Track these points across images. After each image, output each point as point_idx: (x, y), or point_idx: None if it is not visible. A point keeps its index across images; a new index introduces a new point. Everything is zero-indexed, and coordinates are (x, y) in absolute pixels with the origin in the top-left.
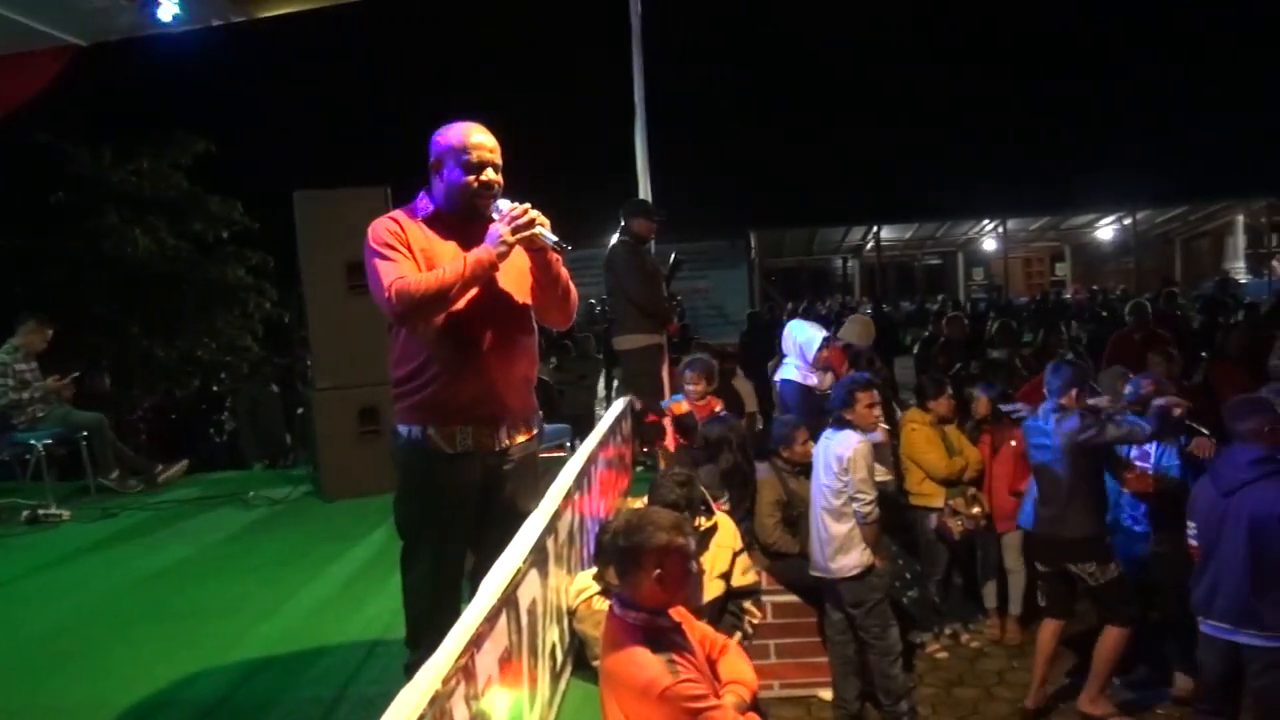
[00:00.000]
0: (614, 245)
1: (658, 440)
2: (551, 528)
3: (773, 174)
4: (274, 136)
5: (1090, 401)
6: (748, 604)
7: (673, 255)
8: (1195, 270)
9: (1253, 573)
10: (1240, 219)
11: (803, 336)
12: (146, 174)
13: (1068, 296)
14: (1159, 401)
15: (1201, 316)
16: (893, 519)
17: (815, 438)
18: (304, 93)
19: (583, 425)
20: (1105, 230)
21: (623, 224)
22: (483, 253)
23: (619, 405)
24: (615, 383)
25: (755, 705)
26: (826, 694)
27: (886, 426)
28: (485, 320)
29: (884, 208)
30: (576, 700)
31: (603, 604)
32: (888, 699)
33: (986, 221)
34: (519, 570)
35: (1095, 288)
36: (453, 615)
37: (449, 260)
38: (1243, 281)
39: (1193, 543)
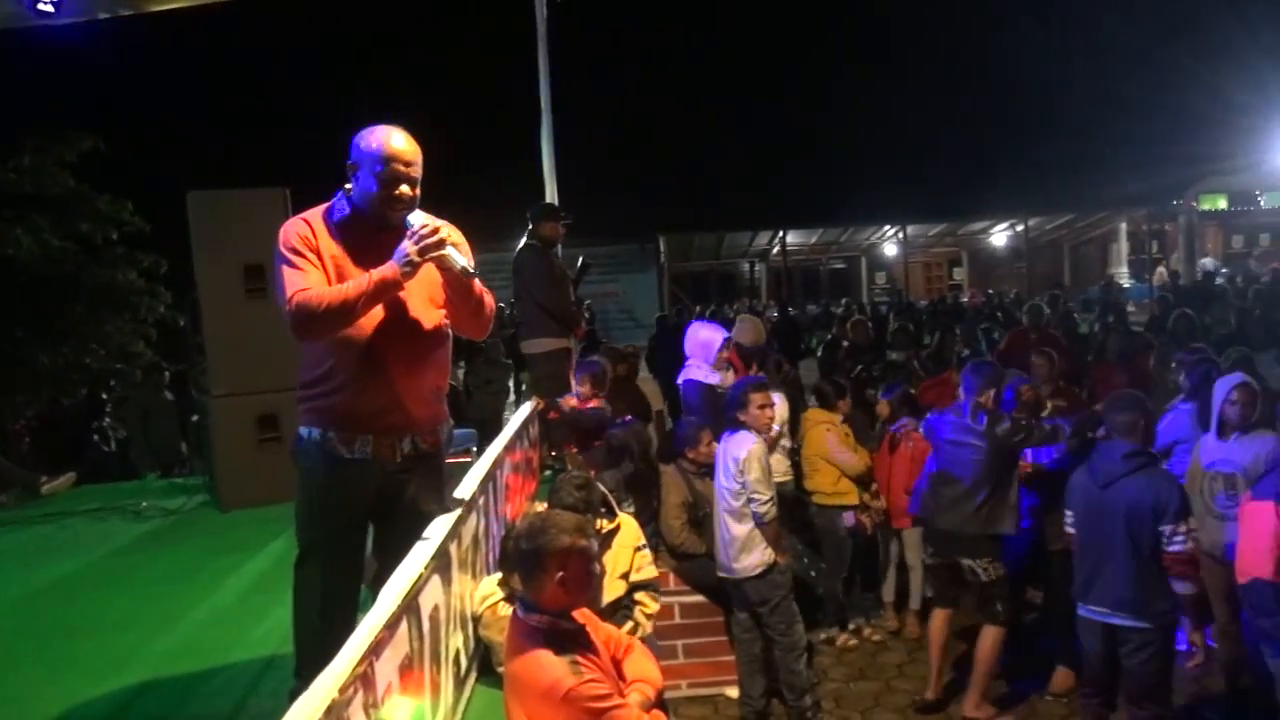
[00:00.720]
0: (521, 249)
1: (566, 444)
2: (455, 533)
3: (681, 179)
4: (167, 135)
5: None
6: (641, 595)
7: (580, 259)
8: (1083, 275)
9: (1127, 560)
10: (1123, 227)
11: (704, 337)
12: (29, 170)
13: (965, 300)
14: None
15: (1090, 318)
16: (793, 518)
17: (720, 437)
18: (199, 90)
19: (491, 429)
20: (999, 236)
21: (530, 228)
22: (388, 270)
23: (526, 409)
24: (524, 387)
25: (663, 704)
26: (733, 692)
27: (777, 428)
28: (393, 332)
29: (790, 213)
30: (481, 707)
31: (508, 610)
32: (792, 694)
33: (888, 227)
34: (420, 576)
35: (990, 291)
36: (344, 632)
37: (357, 271)
38: (1126, 286)
39: (1070, 530)
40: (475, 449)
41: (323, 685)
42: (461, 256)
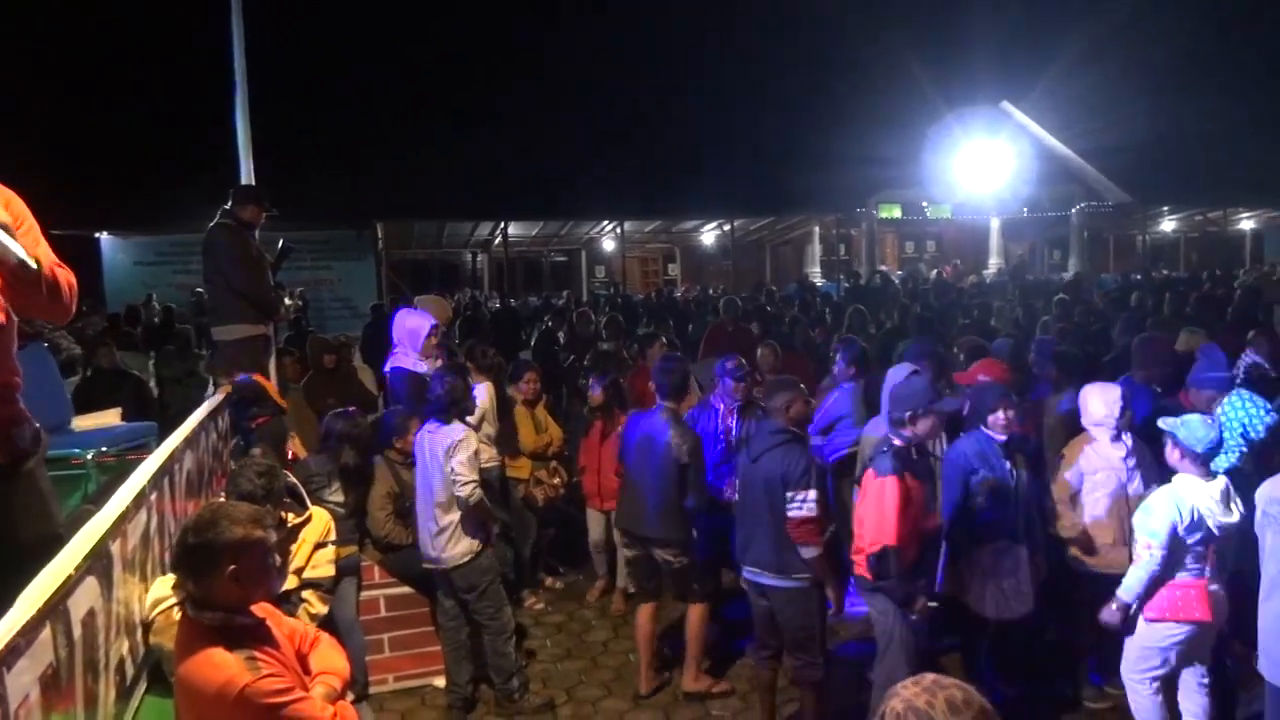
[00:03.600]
0: (214, 229)
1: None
2: (118, 531)
3: (401, 165)
4: None
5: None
6: (309, 593)
7: (280, 242)
8: (783, 273)
9: (769, 526)
10: (817, 230)
11: (412, 324)
12: None
13: (678, 294)
14: None
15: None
16: (499, 498)
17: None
18: None
19: None
20: (708, 235)
21: (228, 206)
22: None
23: (216, 398)
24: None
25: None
26: (440, 682)
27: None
28: None
29: (511, 205)
30: (151, 718)
31: None
32: (500, 677)
33: (606, 223)
34: (69, 578)
35: (700, 286)
36: None
37: None
38: (819, 284)
39: (734, 498)
40: (154, 442)
41: None
42: (16, 245)
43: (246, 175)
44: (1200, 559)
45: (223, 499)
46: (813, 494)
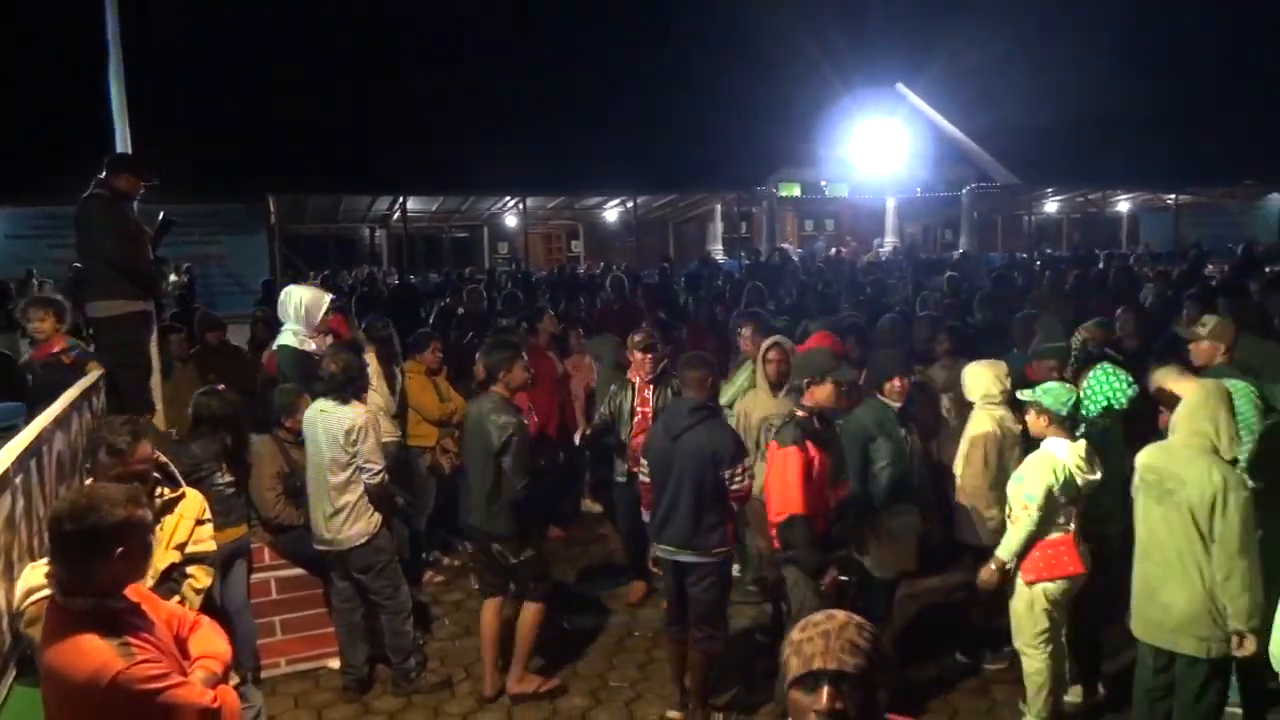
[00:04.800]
0: (86, 200)
1: (148, 414)
2: None
3: (295, 137)
4: None
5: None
6: (194, 568)
7: (161, 214)
8: (685, 250)
9: (692, 504)
10: (719, 208)
11: (308, 299)
12: None
13: (581, 271)
14: None
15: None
16: (401, 470)
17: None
18: None
19: None
20: (612, 212)
21: (103, 175)
22: None
23: (91, 376)
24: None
25: (258, 679)
26: (335, 663)
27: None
28: None
29: (408, 179)
30: (21, 710)
31: None
32: (398, 656)
33: (508, 198)
34: None
35: (604, 263)
36: None
37: None
38: (721, 261)
39: (644, 479)
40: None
41: None
42: None
43: (122, 143)
44: (1069, 516)
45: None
46: (748, 461)
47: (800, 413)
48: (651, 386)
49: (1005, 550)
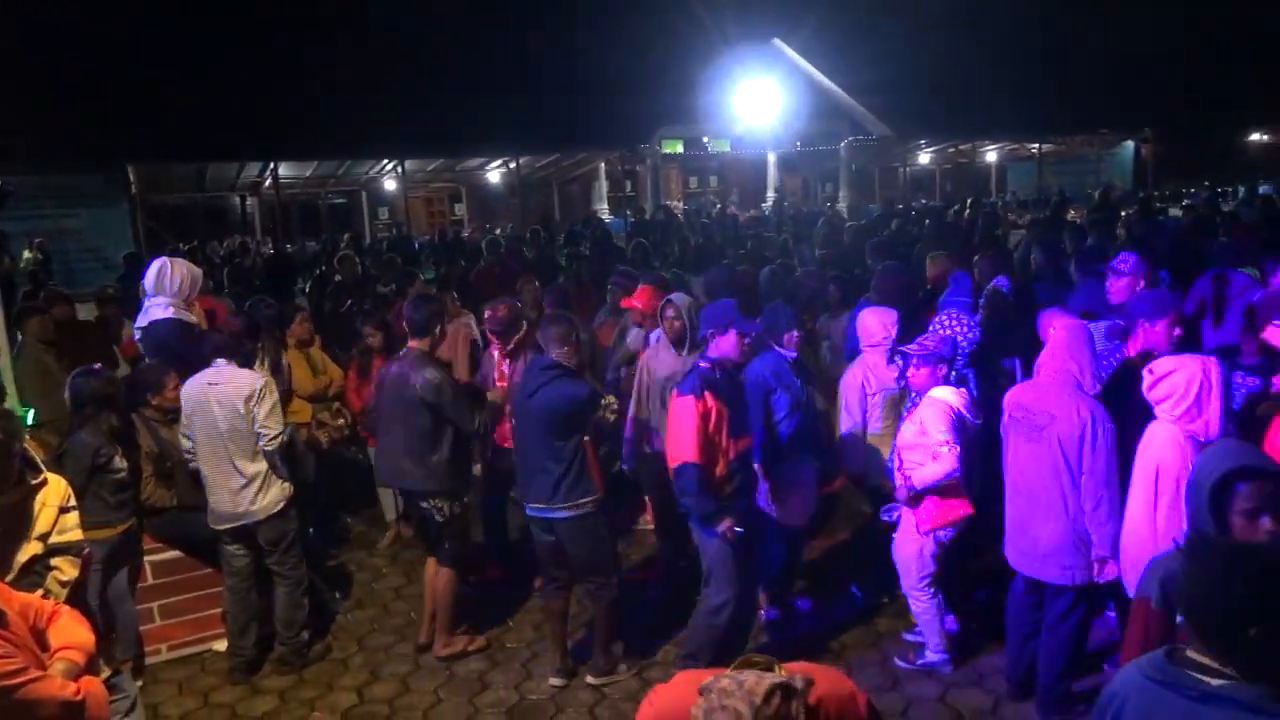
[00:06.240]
0: None
1: None
2: None
3: (153, 101)
4: None
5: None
6: (58, 560)
7: None
8: (571, 211)
9: (547, 459)
10: (603, 167)
11: (190, 272)
12: None
13: (465, 235)
14: None
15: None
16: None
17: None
18: None
19: None
20: (494, 174)
21: None
22: None
23: None
24: None
25: (142, 667)
26: (221, 645)
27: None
28: None
29: (275, 143)
30: None
31: None
32: (290, 630)
33: (386, 161)
34: None
35: (488, 226)
36: None
37: None
38: (606, 220)
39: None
40: None
41: None
42: None
43: None
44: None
45: None
46: (610, 399)
47: (703, 364)
48: (508, 360)
49: (920, 480)
